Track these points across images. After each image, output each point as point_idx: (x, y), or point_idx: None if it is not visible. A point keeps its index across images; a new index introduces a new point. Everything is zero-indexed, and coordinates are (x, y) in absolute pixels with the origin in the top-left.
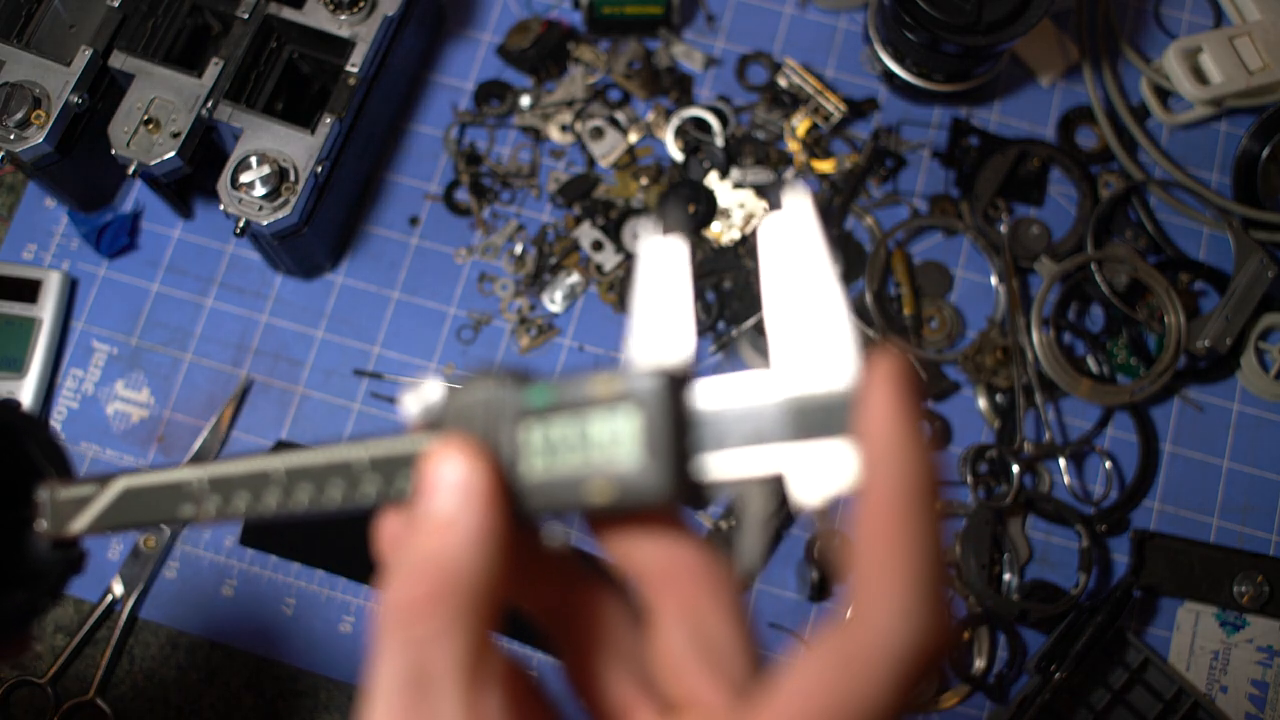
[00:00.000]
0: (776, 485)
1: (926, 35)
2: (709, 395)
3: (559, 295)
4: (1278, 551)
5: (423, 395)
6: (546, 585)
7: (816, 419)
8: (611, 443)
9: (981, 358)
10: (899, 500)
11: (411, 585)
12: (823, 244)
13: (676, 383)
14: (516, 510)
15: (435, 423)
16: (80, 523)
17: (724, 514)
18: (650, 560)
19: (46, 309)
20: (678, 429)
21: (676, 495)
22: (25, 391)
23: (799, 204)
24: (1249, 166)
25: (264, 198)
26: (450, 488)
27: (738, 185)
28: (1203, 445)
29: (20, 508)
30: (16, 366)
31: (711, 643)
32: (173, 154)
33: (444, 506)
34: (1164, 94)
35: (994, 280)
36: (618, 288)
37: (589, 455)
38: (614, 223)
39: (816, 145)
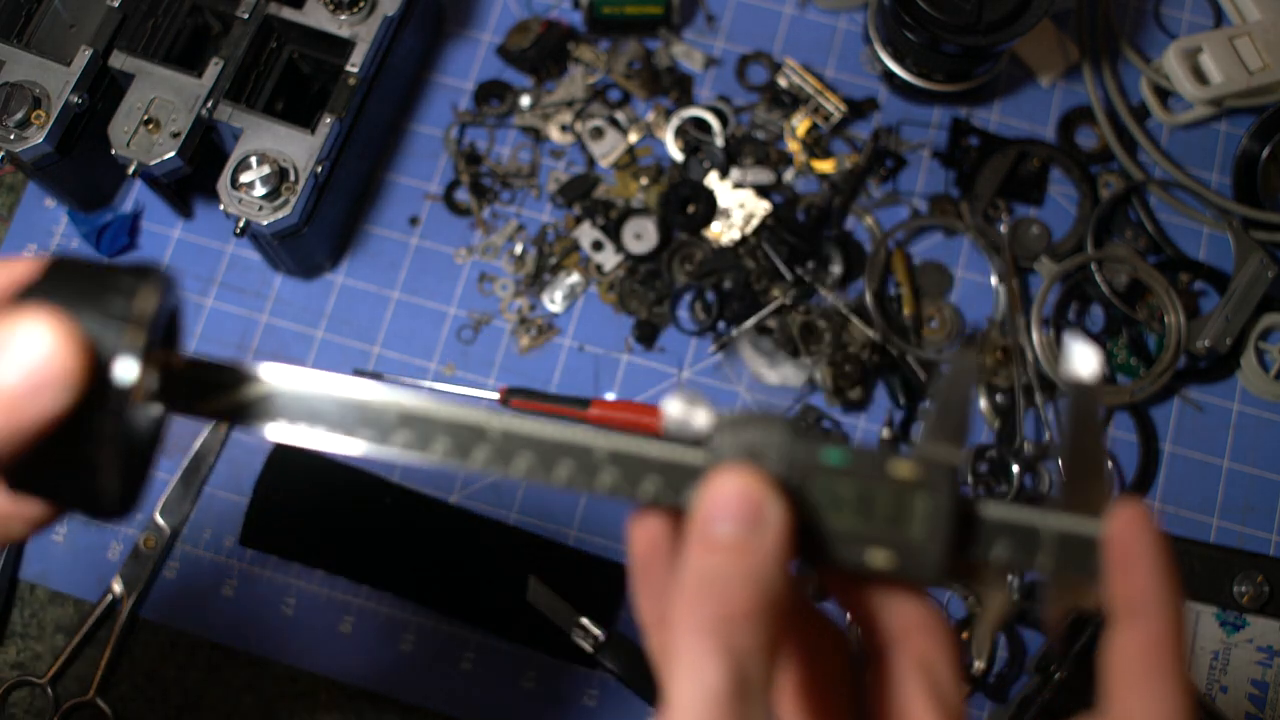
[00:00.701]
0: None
1: (926, 35)
2: (988, 504)
3: (559, 295)
4: (1278, 551)
5: (689, 411)
6: (792, 619)
7: (1078, 553)
8: (898, 519)
9: (981, 358)
10: (1167, 641)
11: (735, 599)
12: (1102, 413)
13: (959, 480)
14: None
15: (705, 446)
16: (214, 403)
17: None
18: (891, 616)
19: None
20: (961, 522)
21: (946, 577)
22: None
23: (1089, 367)
24: (1249, 166)
25: (264, 198)
26: (775, 520)
27: (738, 185)
28: (1203, 445)
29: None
30: None
31: (942, 690)
32: (173, 154)
33: (768, 534)
34: (1164, 94)
35: (994, 280)
36: (618, 288)
37: (872, 523)
38: (614, 223)
39: (816, 145)
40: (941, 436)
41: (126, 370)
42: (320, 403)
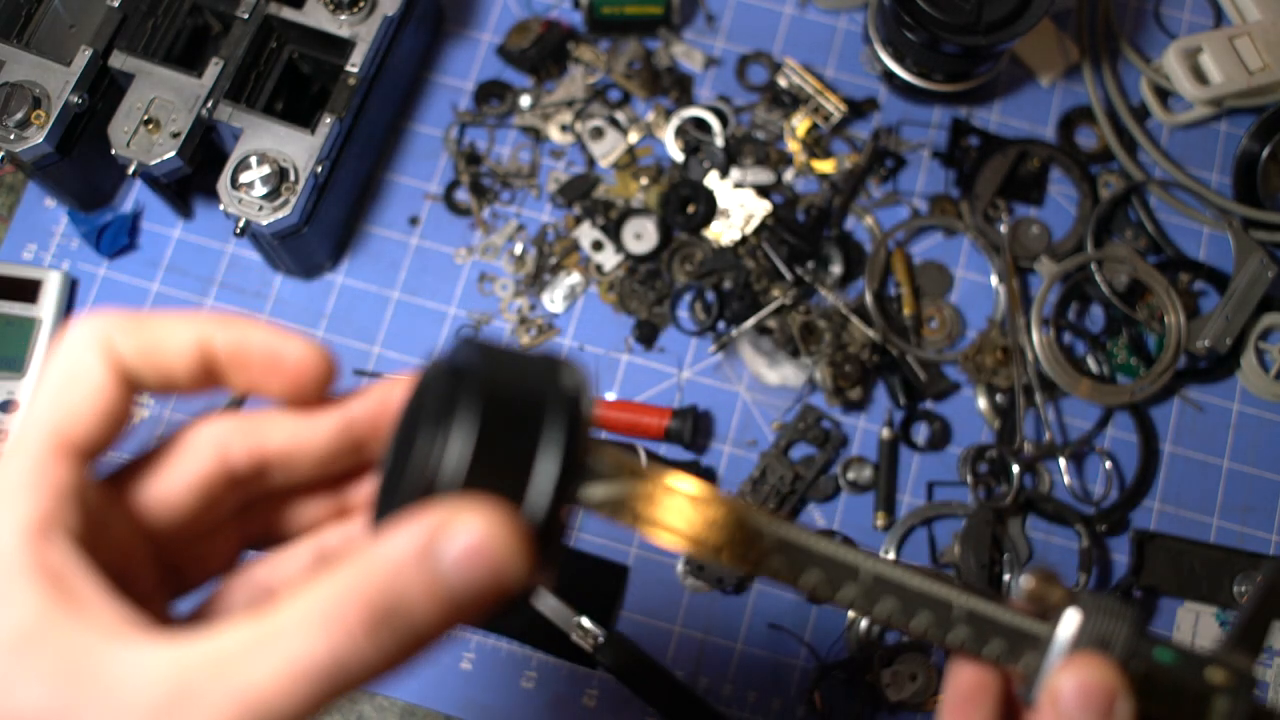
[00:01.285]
0: None
1: (926, 35)
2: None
3: (559, 295)
4: (1278, 551)
5: (1045, 589)
6: None
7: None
8: (1200, 712)
9: (981, 358)
10: None
11: None
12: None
13: (1253, 687)
14: None
15: (1053, 619)
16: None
17: None
18: None
19: (46, 309)
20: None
21: None
22: (25, 391)
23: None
24: (1249, 166)
25: (264, 198)
26: (1124, 716)
27: (738, 185)
28: (1203, 445)
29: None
30: (17, 366)
31: None
32: (173, 154)
33: None
34: (1164, 94)
35: (994, 280)
36: (618, 288)
37: (1176, 715)
38: (614, 223)
39: (816, 145)
40: (1245, 645)
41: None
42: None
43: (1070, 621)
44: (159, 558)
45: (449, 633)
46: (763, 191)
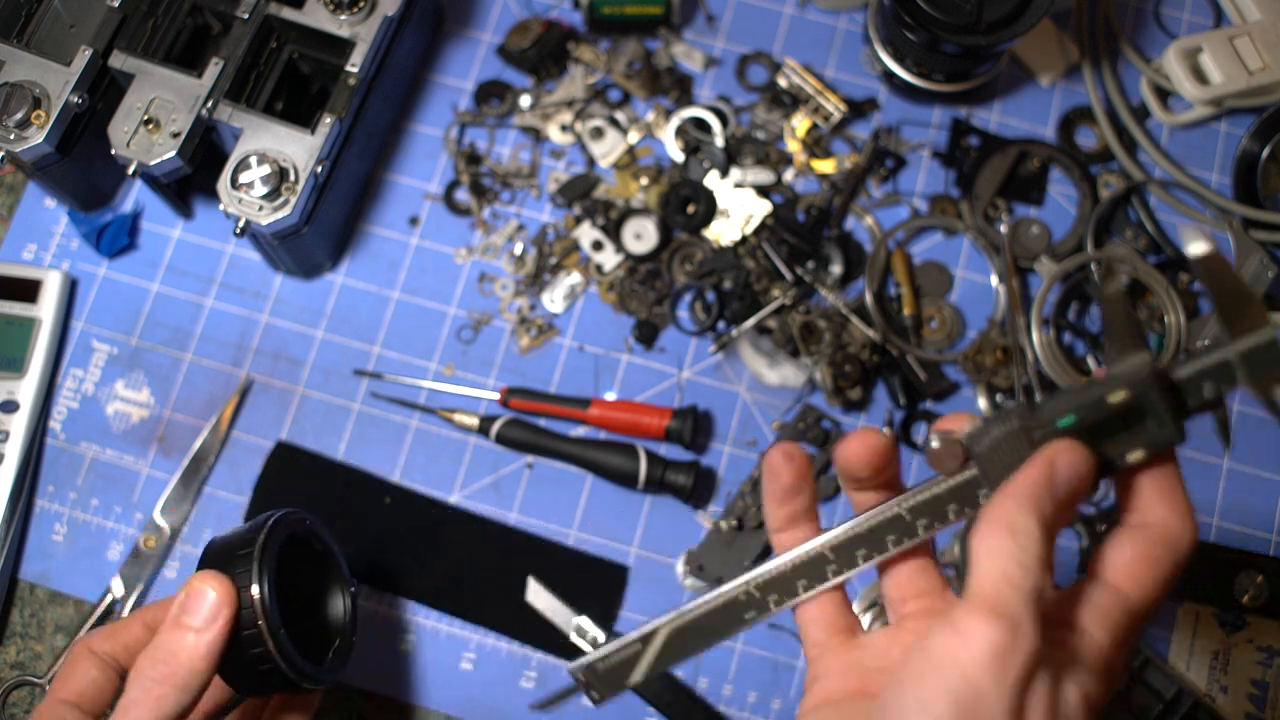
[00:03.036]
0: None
1: (926, 35)
2: (1184, 368)
3: (559, 295)
4: (1278, 551)
5: (943, 444)
6: None
7: (1266, 357)
8: (1131, 423)
9: (981, 358)
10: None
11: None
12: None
13: (1154, 365)
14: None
15: (965, 458)
16: (635, 677)
17: (724, 514)
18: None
19: (46, 309)
20: (1172, 396)
21: (1184, 434)
22: (25, 391)
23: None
24: (1249, 166)
25: (264, 198)
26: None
27: (738, 185)
28: (1203, 445)
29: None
30: (16, 366)
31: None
32: (173, 154)
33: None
34: (1164, 94)
35: (994, 280)
36: (618, 288)
37: (1117, 439)
38: (614, 223)
39: (816, 145)
40: (1125, 352)
41: (256, 591)
42: (697, 627)
43: (967, 473)
44: None
45: (202, 651)
46: (763, 191)
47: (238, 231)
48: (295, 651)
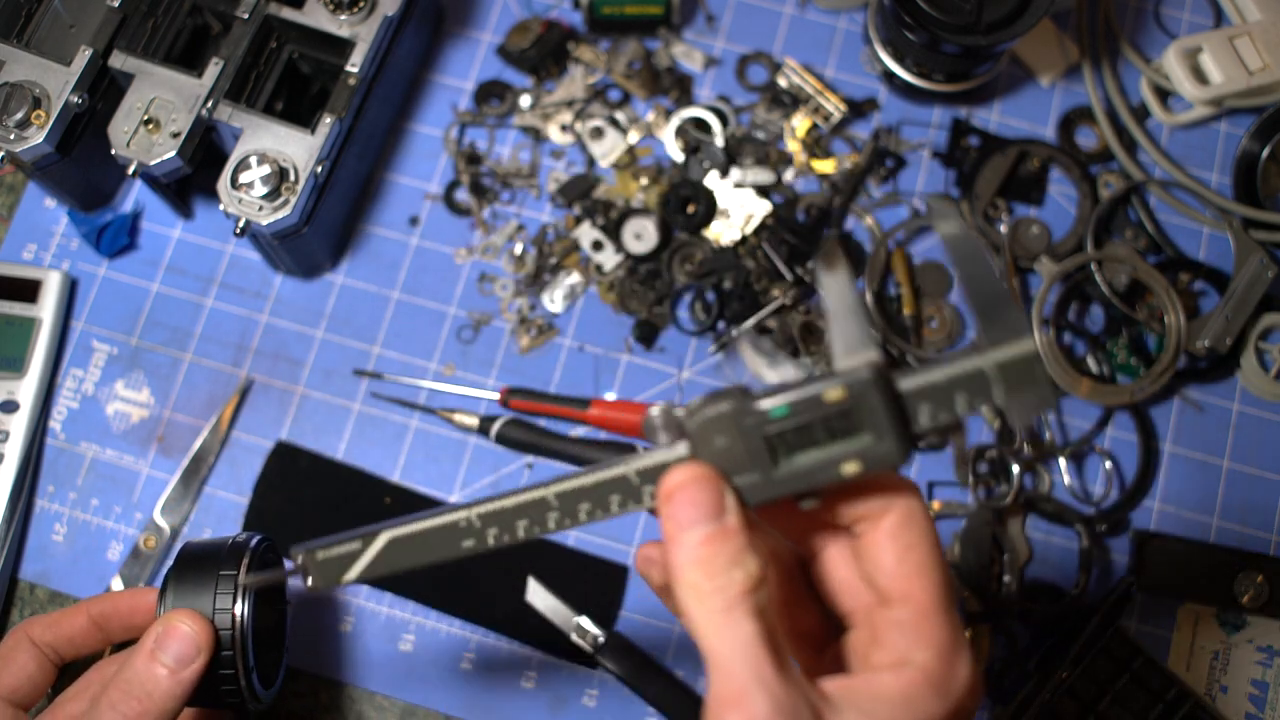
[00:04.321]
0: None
1: (926, 35)
2: (915, 376)
3: (559, 295)
4: (1278, 551)
5: (661, 414)
6: (798, 523)
7: (1023, 371)
8: (848, 429)
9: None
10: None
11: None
12: (984, 249)
13: (883, 374)
14: (783, 494)
15: (681, 433)
16: (351, 574)
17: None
18: (867, 508)
19: (46, 309)
20: (899, 406)
21: (906, 455)
22: (25, 391)
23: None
24: (1249, 166)
25: (264, 198)
26: (733, 507)
27: (738, 185)
28: (1203, 445)
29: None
30: (16, 366)
31: (918, 558)
32: (173, 154)
33: (731, 518)
34: (1164, 94)
35: None
36: (618, 288)
37: (832, 445)
38: (614, 223)
39: (816, 145)
40: (850, 345)
41: (224, 621)
42: (417, 539)
43: (678, 446)
44: None
45: (177, 691)
46: (763, 191)
47: (238, 231)
48: (258, 681)
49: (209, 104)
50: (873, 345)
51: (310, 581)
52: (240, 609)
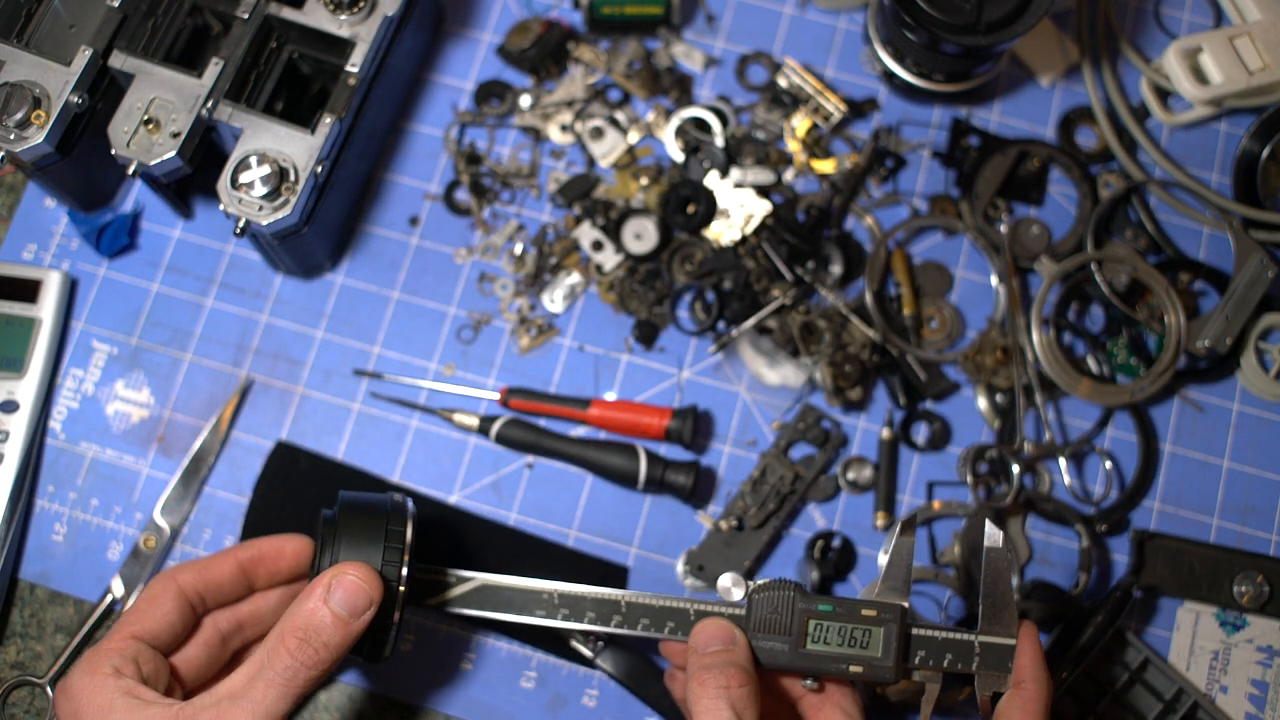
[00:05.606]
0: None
1: (926, 35)
2: (919, 627)
3: (559, 295)
4: (1278, 551)
5: (732, 579)
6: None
7: (997, 657)
8: (865, 642)
9: (981, 358)
10: (1042, 703)
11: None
12: (1013, 568)
13: (905, 615)
14: (800, 669)
15: (745, 593)
16: (433, 599)
17: (724, 514)
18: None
19: (46, 309)
20: (905, 643)
21: (897, 679)
22: (25, 391)
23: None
24: (1249, 166)
25: (264, 198)
26: (742, 640)
27: (738, 185)
28: (1203, 445)
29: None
30: (16, 366)
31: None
32: (173, 154)
33: (740, 647)
34: (1164, 94)
35: (994, 280)
36: (618, 288)
37: (847, 646)
38: (614, 223)
39: (816, 145)
40: (892, 587)
41: (391, 575)
42: (503, 592)
43: (739, 599)
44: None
45: (346, 641)
46: (763, 191)
47: (238, 231)
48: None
49: (209, 104)
50: (907, 595)
51: (402, 592)
52: (406, 570)
